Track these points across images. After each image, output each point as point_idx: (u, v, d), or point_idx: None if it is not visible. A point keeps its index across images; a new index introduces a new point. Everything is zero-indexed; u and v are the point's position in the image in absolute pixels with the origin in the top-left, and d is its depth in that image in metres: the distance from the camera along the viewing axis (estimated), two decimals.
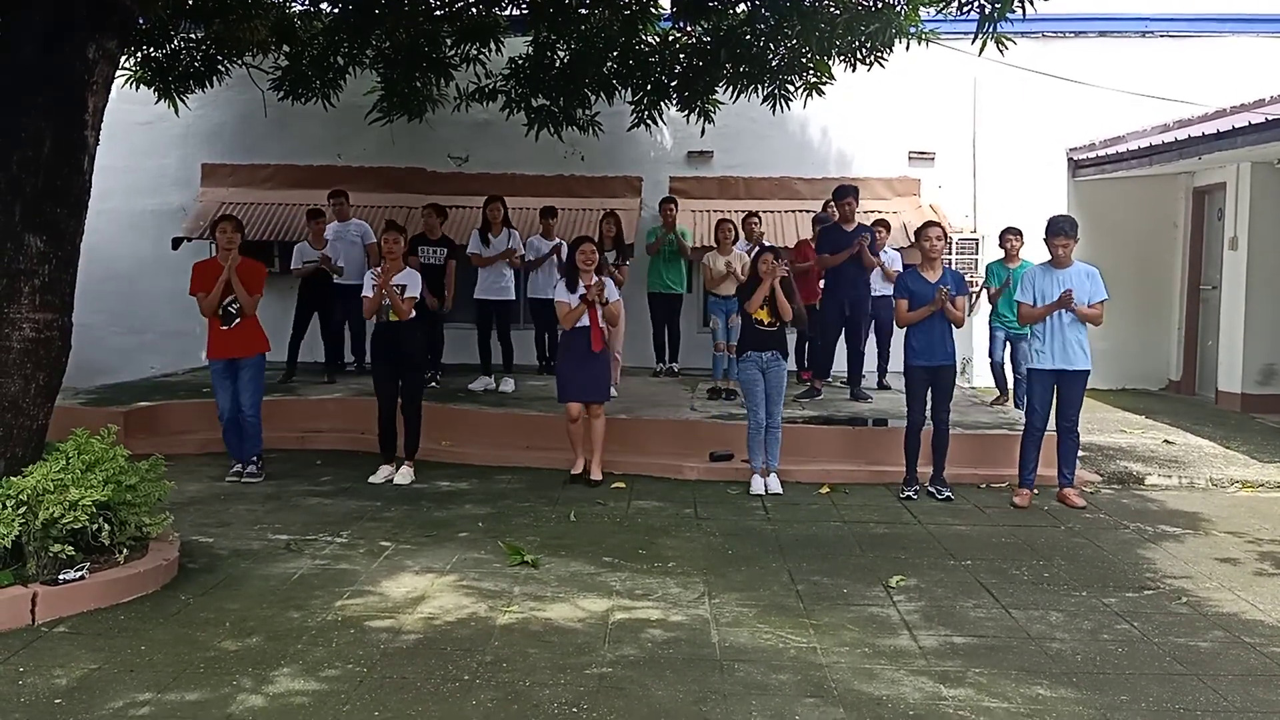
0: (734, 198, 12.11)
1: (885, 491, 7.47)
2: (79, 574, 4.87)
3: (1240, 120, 9.17)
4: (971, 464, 7.86)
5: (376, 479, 7.58)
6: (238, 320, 7.43)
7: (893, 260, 10.33)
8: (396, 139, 11.33)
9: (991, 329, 9.98)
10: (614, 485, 7.57)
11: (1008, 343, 9.79)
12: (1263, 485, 7.75)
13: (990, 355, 10.07)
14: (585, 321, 7.50)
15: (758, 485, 7.43)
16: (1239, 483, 7.79)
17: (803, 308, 7.75)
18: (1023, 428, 7.43)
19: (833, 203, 9.67)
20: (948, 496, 7.28)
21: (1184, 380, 12.31)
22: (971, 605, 5.13)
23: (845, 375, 9.89)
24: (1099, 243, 12.38)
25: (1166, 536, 6.45)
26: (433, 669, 4.24)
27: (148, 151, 12.24)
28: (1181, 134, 10.16)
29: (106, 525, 5.03)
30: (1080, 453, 8.35)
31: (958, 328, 7.34)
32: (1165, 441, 9.18)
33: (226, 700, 3.91)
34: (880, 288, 9.81)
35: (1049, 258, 7.17)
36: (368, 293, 7.51)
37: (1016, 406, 9.54)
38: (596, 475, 7.60)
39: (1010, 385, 9.95)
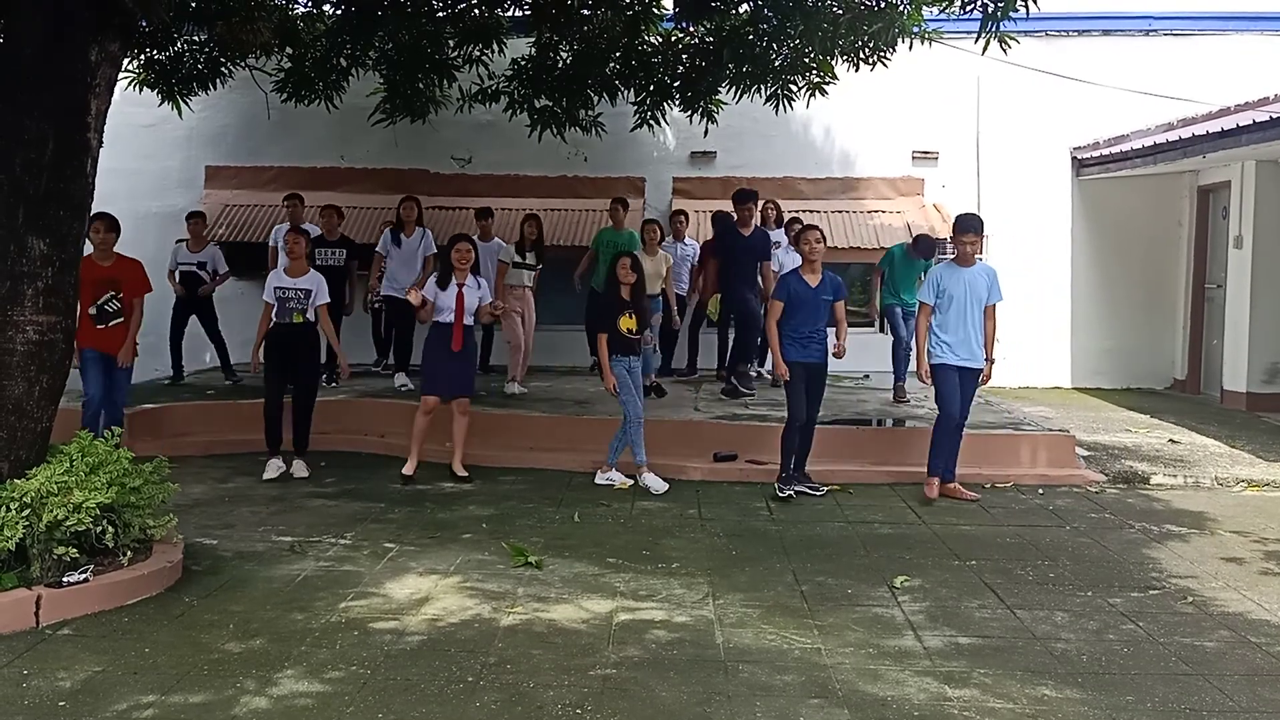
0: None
1: (889, 491, 7.46)
2: (83, 576, 4.87)
3: (1245, 118, 9.16)
4: (976, 464, 7.84)
5: (268, 474, 7.66)
6: (117, 320, 7.33)
7: (791, 260, 10.24)
8: (399, 140, 11.34)
9: (891, 309, 9.68)
10: (617, 487, 7.56)
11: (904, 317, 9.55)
12: (1268, 484, 7.73)
13: (895, 333, 9.71)
14: (448, 318, 7.57)
15: (654, 483, 7.45)
16: (1244, 482, 7.77)
17: (647, 314, 7.92)
18: (935, 421, 7.42)
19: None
20: (822, 492, 7.28)
21: (1189, 379, 12.28)
22: (976, 605, 5.12)
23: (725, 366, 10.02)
24: (1103, 242, 12.43)
25: (1172, 536, 6.44)
26: (436, 670, 4.23)
27: (151, 154, 12.27)
28: (1186, 132, 10.15)
29: (110, 527, 5.03)
30: (1085, 452, 8.40)
31: (837, 337, 7.40)
32: (1170, 441, 9.16)
33: (230, 702, 3.91)
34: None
35: (954, 254, 7.28)
36: (269, 298, 7.56)
37: (898, 379, 9.49)
38: (461, 470, 7.67)
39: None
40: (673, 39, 9.63)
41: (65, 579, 4.82)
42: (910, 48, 8.85)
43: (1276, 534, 6.47)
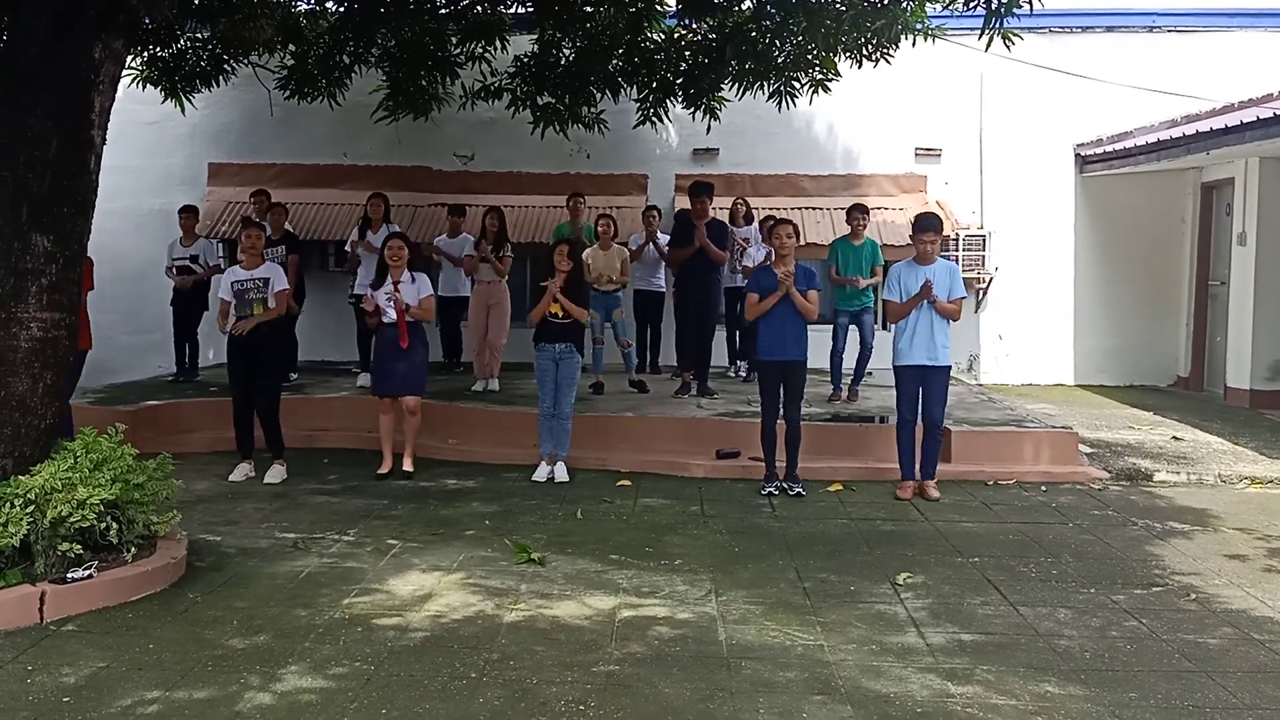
0: (740, 195, 12.09)
1: (891, 489, 7.45)
2: (87, 572, 4.88)
3: (1248, 115, 9.14)
4: (979, 461, 7.85)
5: (235, 477, 7.59)
6: None
7: (762, 253, 10.19)
8: (402, 137, 11.34)
9: (835, 313, 9.52)
10: (620, 483, 7.57)
11: (852, 324, 9.41)
12: (1271, 482, 7.72)
13: (834, 342, 9.54)
14: (393, 317, 7.58)
15: (542, 473, 7.62)
16: (1248, 479, 7.76)
17: (584, 303, 7.87)
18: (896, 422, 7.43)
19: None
20: (799, 492, 7.24)
21: (1192, 376, 12.27)
22: (979, 602, 5.12)
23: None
24: (1107, 239, 12.41)
25: (1175, 533, 6.43)
26: (440, 667, 4.24)
27: (155, 151, 12.28)
28: (1189, 129, 10.13)
29: (114, 524, 5.04)
30: (1088, 449, 8.39)
31: (809, 321, 7.30)
32: (1174, 438, 9.16)
33: (234, 698, 3.92)
34: (740, 280, 9.73)
35: (915, 254, 7.25)
36: (225, 294, 7.52)
37: (854, 385, 9.39)
38: (408, 466, 7.70)
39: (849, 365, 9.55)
40: (675, 36, 9.63)
41: (69, 575, 4.84)
42: (913, 44, 8.84)
43: (1279, 531, 6.47)
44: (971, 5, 7.81)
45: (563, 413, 7.70)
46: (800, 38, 8.75)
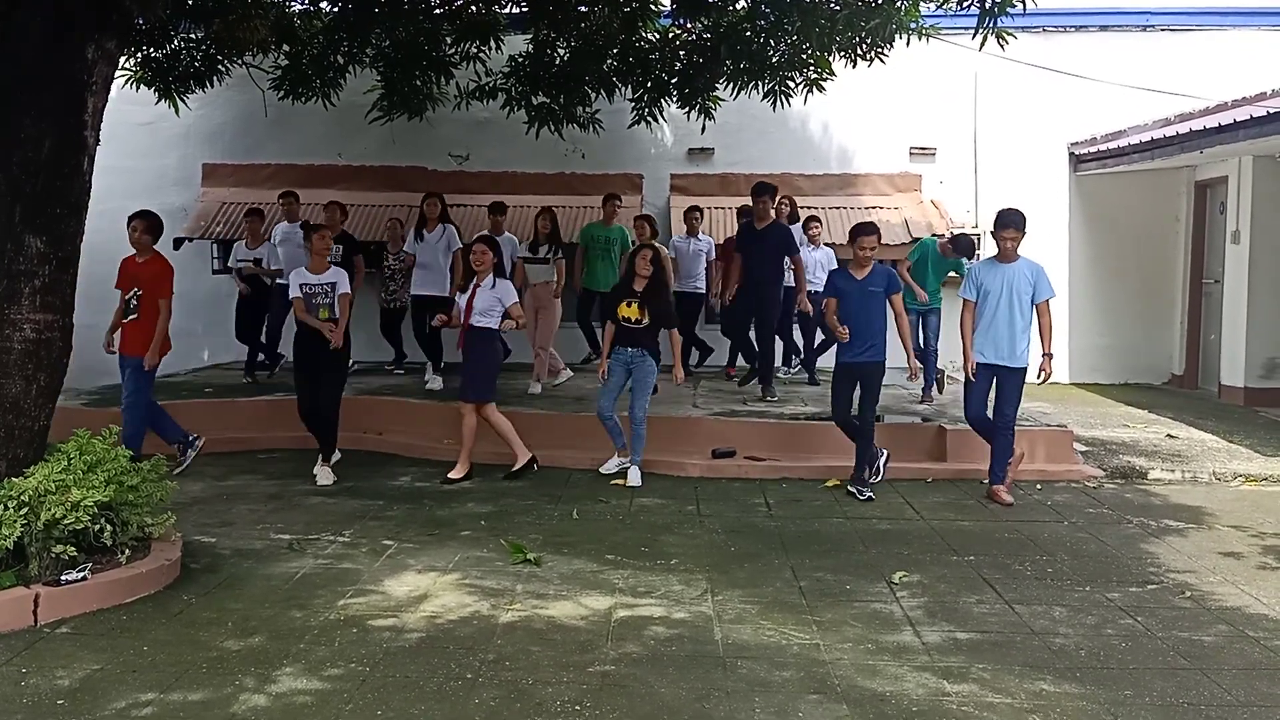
0: (735, 194, 12.10)
1: (887, 488, 7.46)
2: (81, 575, 4.87)
3: (1242, 113, 9.15)
4: (975, 460, 7.85)
5: (322, 479, 7.58)
6: (133, 315, 7.38)
7: (826, 258, 10.26)
8: (397, 138, 11.34)
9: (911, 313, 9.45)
10: (614, 482, 7.57)
11: (920, 320, 9.39)
12: (1266, 479, 7.74)
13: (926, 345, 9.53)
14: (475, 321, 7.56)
15: (611, 465, 7.72)
16: (1242, 477, 7.78)
17: (669, 306, 7.80)
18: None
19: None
20: (869, 497, 7.13)
21: (1187, 374, 12.30)
22: (975, 601, 5.12)
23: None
24: (1101, 237, 12.44)
25: (1170, 531, 6.44)
26: (435, 668, 4.24)
27: (148, 152, 12.26)
28: (1183, 128, 10.15)
29: (108, 526, 5.03)
30: (1083, 447, 8.40)
31: (899, 327, 7.28)
32: (1168, 436, 9.17)
33: (229, 700, 3.91)
34: (819, 282, 9.65)
35: (995, 251, 7.16)
36: (296, 294, 7.48)
37: (927, 386, 9.33)
38: (457, 473, 7.62)
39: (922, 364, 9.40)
40: (670, 35, 9.63)
41: (63, 577, 4.82)
42: (908, 44, 8.85)
43: (1274, 529, 6.48)
44: (965, 4, 7.83)
45: (636, 417, 7.54)
46: (795, 37, 8.76)
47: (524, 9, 9.50)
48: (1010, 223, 7.01)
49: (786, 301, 9.65)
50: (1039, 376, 7.04)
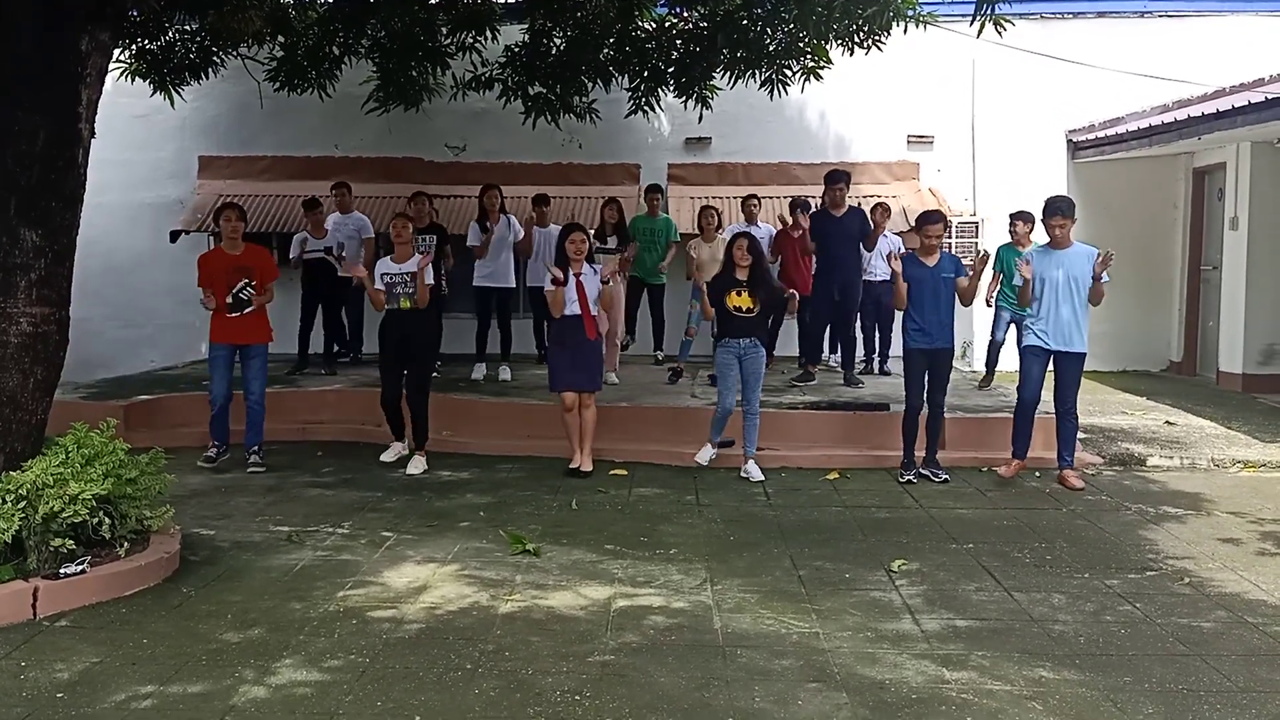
0: (732, 184, 12.08)
1: (886, 476, 7.47)
2: (80, 568, 4.87)
3: (1240, 100, 9.13)
4: (972, 447, 7.86)
5: (388, 456, 7.79)
6: (250, 308, 7.49)
7: (893, 244, 10.26)
8: (393, 129, 11.31)
9: (997, 308, 9.82)
10: (613, 472, 7.57)
11: (1012, 324, 9.62)
12: (1264, 465, 7.75)
13: (992, 334, 9.93)
14: (576, 309, 7.48)
15: (704, 455, 7.63)
16: (1241, 463, 7.78)
17: (778, 291, 7.73)
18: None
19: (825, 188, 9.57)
20: (945, 479, 7.27)
21: (1185, 361, 12.29)
22: (973, 588, 5.13)
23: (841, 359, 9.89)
24: (1099, 224, 12.36)
25: (1168, 517, 6.45)
26: (435, 658, 4.24)
27: (144, 144, 12.22)
28: (1181, 114, 10.12)
29: (107, 519, 5.02)
30: (1081, 435, 8.37)
31: (965, 305, 7.37)
32: (1167, 423, 9.18)
33: (229, 692, 3.91)
34: (881, 273, 9.76)
35: (1047, 239, 7.17)
36: (379, 285, 7.51)
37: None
38: (586, 466, 7.55)
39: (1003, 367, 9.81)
40: (666, 24, 9.59)
41: (62, 571, 4.82)
42: (905, 31, 8.81)
43: (1273, 514, 6.49)
44: None
45: (753, 408, 7.52)
46: (791, 25, 8.73)
47: None
48: (1058, 210, 7.06)
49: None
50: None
